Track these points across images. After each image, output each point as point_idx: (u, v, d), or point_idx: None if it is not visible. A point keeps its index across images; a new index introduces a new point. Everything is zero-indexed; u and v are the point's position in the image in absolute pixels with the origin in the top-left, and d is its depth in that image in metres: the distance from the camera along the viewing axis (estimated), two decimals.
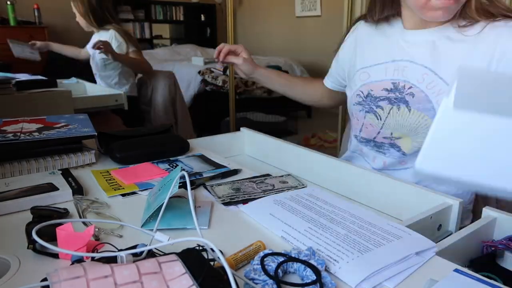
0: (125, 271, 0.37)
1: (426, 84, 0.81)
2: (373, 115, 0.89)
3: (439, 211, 0.68)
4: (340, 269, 0.49)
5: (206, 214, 0.66)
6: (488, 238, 0.65)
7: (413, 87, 0.82)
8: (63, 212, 0.63)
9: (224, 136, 1.18)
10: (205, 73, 3.53)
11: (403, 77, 0.84)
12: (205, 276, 0.38)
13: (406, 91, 0.83)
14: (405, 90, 0.84)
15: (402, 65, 0.85)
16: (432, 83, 0.80)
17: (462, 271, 0.49)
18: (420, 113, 0.82)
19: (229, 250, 0.53)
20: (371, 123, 0.90)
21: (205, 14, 6.03)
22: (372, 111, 0.89)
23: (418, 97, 0.82)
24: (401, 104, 0.84)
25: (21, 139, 0.83)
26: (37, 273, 0.48)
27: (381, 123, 0.88)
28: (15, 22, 4.14)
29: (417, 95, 0.82)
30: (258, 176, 0.84)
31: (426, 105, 0.81)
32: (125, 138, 0.97)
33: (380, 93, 0.87)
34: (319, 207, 0.66)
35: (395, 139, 0.88)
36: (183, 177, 0.60)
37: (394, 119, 0.86)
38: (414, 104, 0.83)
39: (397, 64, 0.86)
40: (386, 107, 0.87)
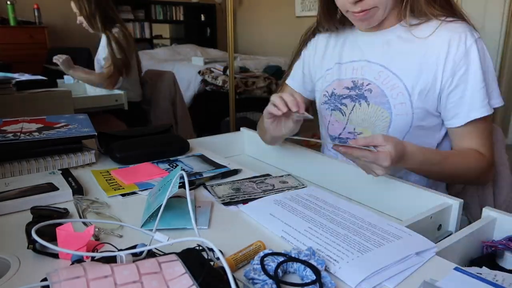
0: (125, 271, 0.37)
1: (381, 80, 0.87)
2: (338, 112, 0.95)
3: (439, 211, 0.68)
4: (340, 269, 0.49)
5: (206, 214, 0.65)
6: (488, 238, 0.65)
7: (370, 84, 0.89)
8: (63, 212, 0.63)
9: (224, 136, 1.18)
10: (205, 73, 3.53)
11: (361, 75, 0.91)
12: (205, 276, 0.38)
13: (365, 87, 0.90)
14: (364, 87, 0.90)
15: (360, 65, 0.92)
16: (386, 79, 0.87)
17: (463, 269, 0.49)
18: (377, 107, 0.88)
19: (229, 250, 0.53)
20: (337, 120, 0.96)
21: (205, 14, 6.02)
22: (337, 108, 0.95)
23: (375, 93, 0.88)
24: (361, 100, 0.91)
25: (21, 139, 0.83)
26: (37, 273, 0.48)
27: (346, 119, 0.94)
28: (15, 22, 4.14)
29: (374, 91, 0.88)
30: (258, 176, 0.84)
31: (382, 99, 0.87)
32: (125, 138, 0.97)
33: (342, 91, 0.94)
34: (319, 207, 0.66)
35: (357, 135, 0.94)
36: (183, 177, 0.60)
37: (356, 115, 0.92)
38: (371, 99, 0.89)
39: (356, 64, 0.92)
40: (349, 104, 0.93)
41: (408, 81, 0.85)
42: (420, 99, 0.84)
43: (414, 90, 0.84)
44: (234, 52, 2.77)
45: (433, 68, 0.83)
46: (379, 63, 0.88)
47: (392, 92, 0.86)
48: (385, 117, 0.87)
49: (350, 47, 0.94)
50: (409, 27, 0.85)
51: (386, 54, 0.88)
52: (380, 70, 0.88)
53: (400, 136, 0.88)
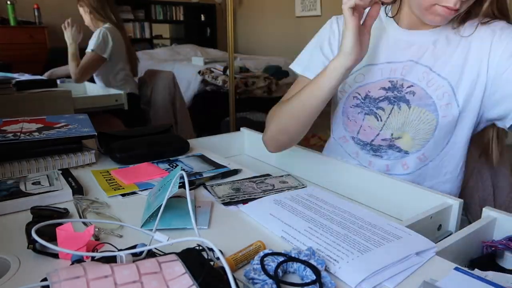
0: (125, 271, 0.37)
1: (426, 81, 0.83)
2: (373, 116, 0.89)
3: (439, 211, 0.68)
4: (340, 269, 0.49)
5: (206, 214, 0.66)
6: (488, 238, 0.65)
7: (414, 86, 0.84)
8: (63, 212, 0.63)
9: (224, 136, 1.18)
10: (205, 73, 3.53)
11: (402, 76, 0.85)
12: (205, 276, 0.38)
13: (405, 89, 0.85)
14: (404, 89, 0.85)
15: (401, 65, 0.86)
16: (431, 80, 0.82)
17: (463, 269, 0.49)
18: (420, 109, 0.83)
19: (229, 250, 0.53)
20: (370, 125, 0.90)
21: (205, 14, 6.03)
22: (372, 112, 0.89)
23: (418, 95, 0.83)
24: (401, 103, 0.85)
25: (21, 139, 0.83)
26: (37, 273, 0.48)
27: (381, 124, 0.88)
28: (15, 22, 4.14)
29: (417, 93, 0.83)
30: (258, 176, 0.84)
31: (427, 101, 0.83)
32: (125, 138, 0.97)
33: (378, 93, 0.88)
34: (319, 207, 0.66)
35: (395, 140, 0.88)
36: (183, 177, 0.60)
37: (395, 119, 0.86)
38: (414, 101, 0.84)
39: (394, 65, 0.87)
40: (387, 108, 0.87)
41: (453, 79, 0.81)
42: (466, 98, 0.81)
43: (459, 88, 0.81)
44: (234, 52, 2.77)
45: (478, 59, 0.79)
46: (424, 63, 0.84)
47: (438, 93, 0.82)
48: (430, 120, 0.83)
49: (388, 46, 0.88)
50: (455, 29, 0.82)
51: (432, 54, 0.83)
52: (425, 71, 0.83)
53: (445, 138, 0.85)
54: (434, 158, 0.88)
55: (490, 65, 0.78)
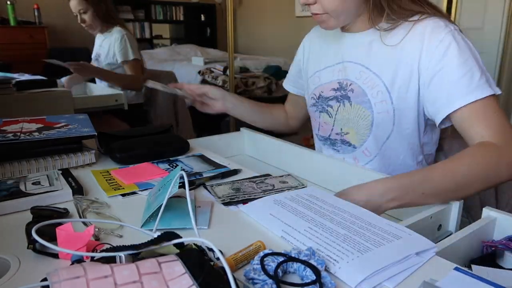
0: (125, 271, 0.37)
1: (362, 80, 0.89)
2: (325, 114, 0.98)
3: (439, 211, 0.68)
4: (340, 269, 0.49)
5: (206, 214, 0.66)
6: (488, 238, 0.65)
7: (352, 84, 0.91)
8: (63, 212, 0.63)
9: (224, 136, 1.18)
10: (205, 73, 3.53)
11: (345, 76, 0.92)
12: (205, 276, 0.38)
13: (348, 88, 0.91)
14: (347, 87, 0.92)
15: (344, 66, 0.93)
16: (367, 78, 0.88)
17: (463, 269, 0.49)
18: (359, 106, 0.89)
19: (229, 250, 0.53)
20: (325, 121, 0.99)
21: (205, 14, 6.03)
22: (325, 110, 0.98)
23: (356, 92, 0.90)
24: (345, 100, 0.92)
25: (21, 139, 0.83)
26: (37, 273, 0.48)
27: (332, 120, 0.97)
28: (15, 22, 4.14)
29: (356, 90, 0.90)
30: (258, 176, 0.84)
31: (363, 98, 0.88)
32: (125, 138, 0.97)
33: (329, 93, 0.96)
34: (319, 207, 0.66)
35: (344, 135, 0.96)
36: (183, 177, 0.60)
37: (341, 115, 0.94)
38: (354, 98, 0.90)
39: (341, 65, 0.94)
40: (335, 105, 0.95)
41: (386, 78, 0.85)
42: (400, 96, 0.84)
43: (393, 87, 0.85)
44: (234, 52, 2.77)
45: (409, 64, 0.83)
46: (360, 63, 0.90)
47: (372, 91, 0.87)
48: (366, 116, 0.88)
49: (335, 48, 0.96)
50: (382, 31, 0.86)
51: (366, 54, 0.89)
52: (361, 70, 0.89)
53: (384, 134, 0.89)
54: (377, 153, 0.92)
55: (420, 69, 0.82)
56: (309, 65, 1.05)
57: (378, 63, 0.87)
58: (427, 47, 0.80)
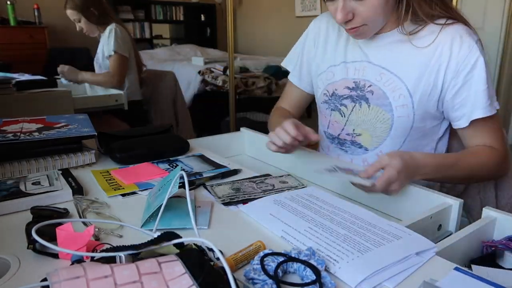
0: (125, 271, 0.37)
1: (383, 82, 0.88)
2: (337, 112, 0.96)
3: (439, 211, 0.68)
4: (340, 269, 0.49)
5: (206, 214, 0.65)
6: (488, 238, 0.65)
7: (372, 85, 0.89)
8: (63, 212, 0.63)
9: (224, 136, 1.18)
10: (205, 73, 3.53)
11: (363, 76, 0.91)
12: (205, 276, 0.38)
13: (366, 89, 0.90)
14: (365, 88, 0.90)
15: (362, 66, 0.91)
16: (388, 81, 0.87)
17: (463, 269, 0.49)
18: (378, 108, 0.89)
19: (229, 250, 0.53)
20: (336, 120, 0.97)
21: (205, 14, 6.02)
22: (337, 109, 0.96)
23: (376, 94, 0.88)
24: (362, 101, 0.91)
25: (21, 139, 0.83)
26: (37, 273, 0.48)
27: (345, 120, 0.95)
28: (15, 22, 4.14)
29: (375, 92, 0.89)
30: (258, 176, 0.84)
31: (384, 101, 0.88)
32: (125, 138, 0.97)
33: (343, 91, 0.94)
34: (319, 207, 0.66)
35: (356, 136, 0.95)
36: (183, 177, 0.60)
37: (356, 116, 0.92)
38: (373, 100, 0.89)
39: (358, 64, 0.92)
40: (349, 105, 0.93)
41: (409, 82, 0.85)
42: (422, 101, 0.85)
43: (416, 92, 0.85)
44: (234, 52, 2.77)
45: (435, 69, 0.83)
46: (381, 65, 0.88)
47: (394, 94, 0.86)
48: (386, 119, 0.88)
49: (352, 47, 0.93)
50: (408, 34, 0.85)
51: (388, 56, 0.88)
52: (382, 72, 0.88)
53: (401, 138, 0.89)
54: None
55: (447, 74, 0.83)
56: (321, 57, 1.00)
57: (401, 66, 0.86)
58: (457, 55, 0.81)
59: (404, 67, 0.86)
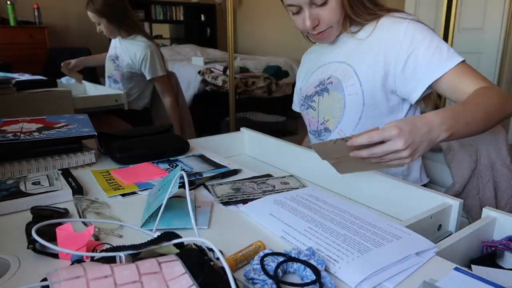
0: (125, 271, 0.37)
1: (339, 72, 1.00)
2: (311, 109, 1.08)
3: (439, 211, 0.68)
4: (340, 269, 0.49)
5: (206, 214, 0.66)
6: (488, 238, 0.65)
7: (331, 77, 1.02)
8: (63, 212, 0.63)
9: (224, 136, 1.18)
10: (205, 73, 3.53)
11: (326, 74, 1.04)
12: (205, 276, 0.38)
13: (327, 81, 1.02)
14: (326, 81, 1.02)
15: (325, 67, 1.05)
16: (343, 70, 0.99)
17: (463, 269, 0.49)
18: (334, 92, 1.00)
19: (229, 250, 0.53)
20: (312, 116, 1.08)
21: (205, 14, 6.02)
22: (310, 106, 1.08)
23: (335, 83, 1.00)
24: (324, 92, 1.03)
25: (21, 139, 0.83)
26: (37, 273, 0.48)
27: (316, 113, 1.06)
28: (15, 22, 4.14)
29: (334, 82, 1.00)
30: (259, 176, 0.84)
31: (338, 85, 0.99)
32: (125, 138, 0.97)
33: (312, 90, 1.07)
34: (319, 207, 0.66)
35: (326, 122, 1.04)
36: (183, 177, 0.60)
37: (323, 105, 1.04)
38: (332, 89, 1.00)
39: (322, 67, 1.06)
40: (316, 99, 1.05)
41: (355, 65, 0.97)
42: (367, 79, 0.94)
43: (361, 71, 0.95)
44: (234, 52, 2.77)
45: (375, 50, 0.94)
46: (338, 60, 1.02)
47: (345, 77, 0.98)
48: (339, 99, 0.98)
49: (318, 57, 1.10)
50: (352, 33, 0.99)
51: (341, 52, 1.02)
52: (339, 65, 1.01)
53: (356, 114, 0.97)
54: (351, 133, 0.99)
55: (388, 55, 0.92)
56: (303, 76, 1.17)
57: (350, 54, 0.99)
58: (393, 36, 0.91)
59: (351, 55, 0.99)
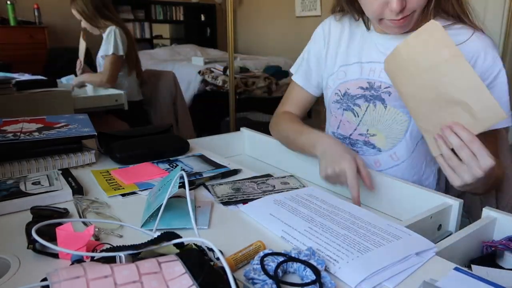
0: (125, 271, 0.37)
1: None
2: (350, 112, 0.94)
3: (439, 211, 0.68)
4: (340, 269, 0.49)
5: (206, 214, 0.66)
6: (488, 238, 0.65)
7: (390, 87, 0.87)
8: (63, 212, 0.63)
9: (224, 136, 1.18)
10: (205, 73, 3.53)
11: (379, 78, 0.89)
12: (205, 276, 0.38)
13: (382, 90, 0.88)
14: (381, 89, 0.89)
15: (378, 67, 0.89)
16: None
17: (463, 269, 0.49)
18: (395, 110, 0.87)
19: (229, 250, 0.53)
20: (348, 120, 0.95)
21: (205, 14, 6.02)
22: (350, 108, 0.94)
23: (394, 96, 0.87)
24: (377, 102, 0.89)
25: (21, 139, 0.83)
26: (37, 273, 0.48)
27: (358, 120, 0.93)
28: (15, 22, 4.14)
29: (393, 94, 0.87)
30: (259, 176, 0.84)
31: (401, 103, 0.84)
32: (125, 138, 0.97)
33: (356, 91, 0.92)
34: (319, 207, 0.66)
35: (370, 136, 0.93)
36: (183, 177, 0.60)
37: (371, 116, 0.91)
38: (390, 101, 0.88)
39: (373, 65, 0.90)
40: (363, 105, 0.92)
41: None
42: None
43: None
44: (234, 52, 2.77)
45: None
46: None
47: None
48: (403, 121, 0.87)
49: (368, 47, 0.91)
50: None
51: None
52: None
53: (415, 140, 0.89)
54: (405, 159, 0.92)
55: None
56: (333, 57, 0.98)
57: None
58: (481, 65, 0.80)
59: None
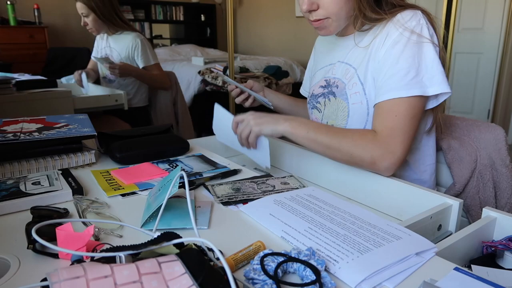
0: (125, 271, 0.37)
1: (346, 75, 0.95)
2: (316, 110, 1.04)
3: (439, 211, 0.68)
4: (340, 269, 0.49)
5: (206, 214, 0.66)
6: (488, 238, 0.65)
7: (338, 80, 0.97)
8: (63, 212, 0.63)
9: None
10: (205, 73, 3.53)
11: (333, 74, 0.99)
12: (205, 276, 0.38)
13: (333, 84, 0.98)
14: (333, 84, 0.98)
15: (335, 66, 1.00)
16: (349, 74, 0.94)
17: (463, 269, 0.49)
18: (339, 99, 0.96)
19: (229, 250, 0.53)
20: (316, 117, 1.05)
21: (205, 14, 6.02)
22: (315, 107, 1.04)
23: (340, 87, 0.96)
24: (330, 96, 0.99)
25: (21, 139, 0.83)
26: (37, 273, 0.48)
27: (321, 115, 1.03)
28: (15, 22, 4.14)
29: (339, 86, 0.96)
30: (259, 176, 0.84)
31: (342, 91, 0.94)
32: (125, 138, 0.97)
33: (318, 90, 1.03)
34: (319, 207, 0.66)
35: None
36: (183, 177, 0.60)
37: (327, 110, 1.00)
38: (338, 93, 0.96)
39: (332, 65, 1.01)
40: (322, 101, 1.01)
41: (360, 71, 0.90)
42: (371, 87, 0.89)
43: (366, 78, 0.89)
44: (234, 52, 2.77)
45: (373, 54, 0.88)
46: (345, 61, 0.96)
47: (350, 83, 0.93)
48: (343, 107, 0.94)
49: (329, 51, 1.04)
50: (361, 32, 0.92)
51: (350, 53, 0.95)
52: (346, 68, 0.95)
53: (360, 125, 0.93)
54: None
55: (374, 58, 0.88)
56: (314, 65, 1.13)
57: (357, 58, 0.93)
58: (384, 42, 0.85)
59: (357, 59, 0.92)
